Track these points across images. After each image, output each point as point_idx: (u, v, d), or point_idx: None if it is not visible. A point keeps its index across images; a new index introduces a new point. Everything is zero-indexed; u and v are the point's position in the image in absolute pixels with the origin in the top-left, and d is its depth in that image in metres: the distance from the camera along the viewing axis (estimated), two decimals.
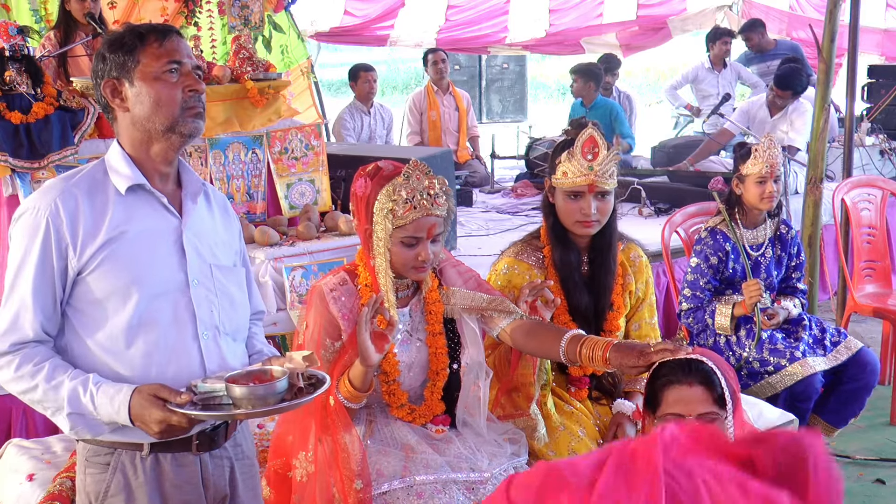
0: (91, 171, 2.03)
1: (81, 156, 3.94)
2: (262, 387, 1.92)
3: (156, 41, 1.99)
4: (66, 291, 1.96)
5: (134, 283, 1.96)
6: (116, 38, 2.02)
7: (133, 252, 1.97)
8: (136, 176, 2.01)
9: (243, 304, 2.20)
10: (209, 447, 2.07)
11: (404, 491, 2.39)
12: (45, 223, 1.93)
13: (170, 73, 1.99)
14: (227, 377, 1.95)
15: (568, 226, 2.87)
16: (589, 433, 2.81)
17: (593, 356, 2.35)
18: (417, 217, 2.43)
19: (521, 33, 10.27)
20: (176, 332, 2.00)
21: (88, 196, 1.98)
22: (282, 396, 1.94)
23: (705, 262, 3.84)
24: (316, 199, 4.70)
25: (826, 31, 4.71)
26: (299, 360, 2.00)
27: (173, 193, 2.08)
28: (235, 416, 1.93)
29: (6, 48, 3.91)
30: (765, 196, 3.79)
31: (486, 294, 2.62)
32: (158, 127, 2.00)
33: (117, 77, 2.00)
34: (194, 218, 2.08)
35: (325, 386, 2.00)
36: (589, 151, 2.77)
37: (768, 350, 3.75)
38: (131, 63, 1.99)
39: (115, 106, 2.02)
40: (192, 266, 2.04)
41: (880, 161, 6.67)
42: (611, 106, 7.62)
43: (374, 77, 7.73)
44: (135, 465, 2.00)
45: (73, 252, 1.94)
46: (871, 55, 9.58)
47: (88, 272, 1.95)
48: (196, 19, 5.77)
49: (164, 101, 1.99)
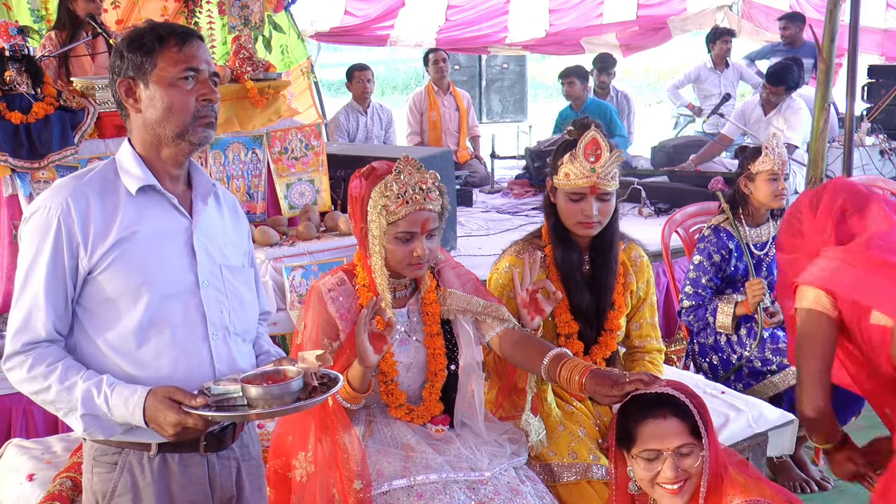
0: (102, 171, 2.02)
1: (81, 156, 3.94)
2: (278, 386, 1.92)
3: (175, 45, 1.98)
4: (77, 290, 1.96)
5: (144, 284, 1.95)
6: (136, 37, 2.00)
7: (144, 253, 1.97)
8: (146, 177, 2.00)
9: (252, 304, 2.20)
10: (217, 448, 2.07)
11: (405, 491, 2.39)
12: (57, 222, 1.92)
13: (185, 79, 1.97)
14: (241, 378, 1.95)
15: (569, 226, 2.87)
16: (589, 433, 2.81)
17: (570, 379, 2.35)
18: (410, 211, 2.43)
19: (521, 33, 10.27)
20: (186, 332, 2.00)
21: (100, 196, 1.97)
22: (297, 396, 1.95)
23: (708, 260, 3.84)
24: (316, 199, 4.70)
25: (826, 31, 4.71)
26: (312, 360, 2.01)
27: (184, 194, 2.08)
28: (252, 416, 1.93)
29: (6, 48, 3.91)
30: (777, 193, 3.79)
31: (482, 299, 2.63)
32: (168, 133, 1.99)
33: (133, 77, 1.99)
34: (204, 219, 2.07)
35: (338, 385, 2.01)
36: (592, 153, 2.77)
37: (770, 349, 3.75)
38: (148, 65, 1.97)
39: (128, 106, 2.01)
40: (203, 267, 2.03)
41: (880, 161, 6.67)
42: (603, 107, 7.60)
43: (369, 76, 7.69)
44: (142, 465, 2.00)
45: (84, 251, 1.93)
46: (871, 55, 9.58)
47: (99, 272, 1.94)
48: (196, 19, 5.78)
49: (176, 109, 1.97)
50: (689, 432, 2.16)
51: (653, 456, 2.17)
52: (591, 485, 2.65)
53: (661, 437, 2.16)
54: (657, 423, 2.16)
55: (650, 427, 2.17)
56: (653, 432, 2.17)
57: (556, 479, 2.65)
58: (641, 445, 2.18)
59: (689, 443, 2.16)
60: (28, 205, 3.80)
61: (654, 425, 2.17)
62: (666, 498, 2.19)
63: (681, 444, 2.15)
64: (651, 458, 2.18)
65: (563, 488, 2.64)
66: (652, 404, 2.18)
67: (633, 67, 18.90)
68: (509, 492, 2.42)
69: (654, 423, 2.17)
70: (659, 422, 2.16)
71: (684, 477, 2.16)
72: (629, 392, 2.21)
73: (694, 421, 2.16)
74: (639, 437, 2.19)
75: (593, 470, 2.66)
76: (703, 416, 2.18)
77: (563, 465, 2.67)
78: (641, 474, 2.20)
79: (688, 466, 2.16)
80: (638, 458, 2.20)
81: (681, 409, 2.17)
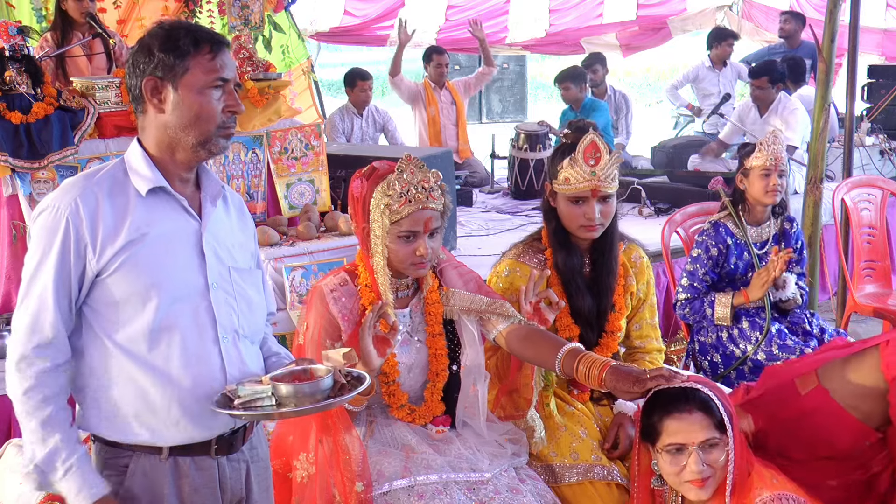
0: (112, 171, 2.00)
1: (81, 156, 3.94)
2: (309, 384, 1.94)
3: (209, 52, 1.95)
4: (84, 292, 1.94)
5: (154, 287, 1.94)
6: (171, 36, 1.95)
7: (153, 255, 1.95)
8: (157, 178, 1.98)
9: (260, 306, 2.19)
10: (228, 451, 2.07)
11: (405, 491, 2.39)
12: (65, 222, 1.91)
13: (215, 89, 1.96)
14: (271, 377, 1.97)
15: (572, 230, 2.86)
16: (590, 434, 2.81)
17: (589, 375, 2.34)
18: (413, 210, 2.43)
19: (521, 33, 10.28)
20: (197, 336, 1.99)
21: (109, 196, 1.95)
22: (328, 393, 1.97)
23: (706, 253, 3.83)
24: (316, 199, 4.70)
25: (826, 31, 4.71)
26: (339, 358, 2.03)
27: (193, 195, 2.06)
28: (288, 414, 1.95)
29: (6, 48, 3.91)
30: (769, 189, 3.78)
31: (486, 297, 2.62)
32: (191, 140, 1.97)
33: (161, 77, 1.95)
34: (213, 221, 2.06)
35: (366, 383, 2.03)
36: (591, 157, 2.76)
37: (777, 345, 3.73)
38: (180, 68, 1.94)
39: (150, 104, 1.97)
40: (212, 269, 2.02)
41: (880, 161, 6.67)
42: (599, 107, 7.56)
43: (371, 86, 7.63)
44: (153, 468, 1.99)
45: (93, 252, 1.91)
46: (871, 55, 9.59)
47: (108, 274, 1.93)
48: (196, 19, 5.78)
49: (203, 117, 1.95)
50: (714, 426, 2.19)
51: (678, 450, 2.20)
52: (593, 485, 2.65)
53: (687, 431, 2.19)
54: (682, 417, 2.19)
55: (675, 421, 2.20)
56: (678, 427, 2.20)
57: (558, 479, 2.66)
58: (667, 440, 2.21)
59: (715, 436, 2.19)
60: (28, 205, 3.81)
61: (678, 420, 2.19)
62: (692, 492, 2.22)
63: (706, 438, 2.19)
64: (677, 453, 2.21)
65: (566, 489, 2.64)
66: (676, 399, 2.21)
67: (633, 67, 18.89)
68: (509, 491, 2.43)
69: (678, 418, 2.19)
70: (684, 416, 2.19)
71: (710, 472, 2.20)
72: (650, 388, 2.23)
73: (719, 414, 2.19)
74: (664, 431, 2.22)
75: (595, 470, 2.66)
76: (728, 409, 2.21)
77: (564, 465, 2.67)
78: (667, 469, 2.24)
79: (713, 460, 2.20)
80: (663, 453, 2.23)
81: (705, 403, 2.20)
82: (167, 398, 1.96)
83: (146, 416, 1.97)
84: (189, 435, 2.00)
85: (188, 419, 1.98)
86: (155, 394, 1.96)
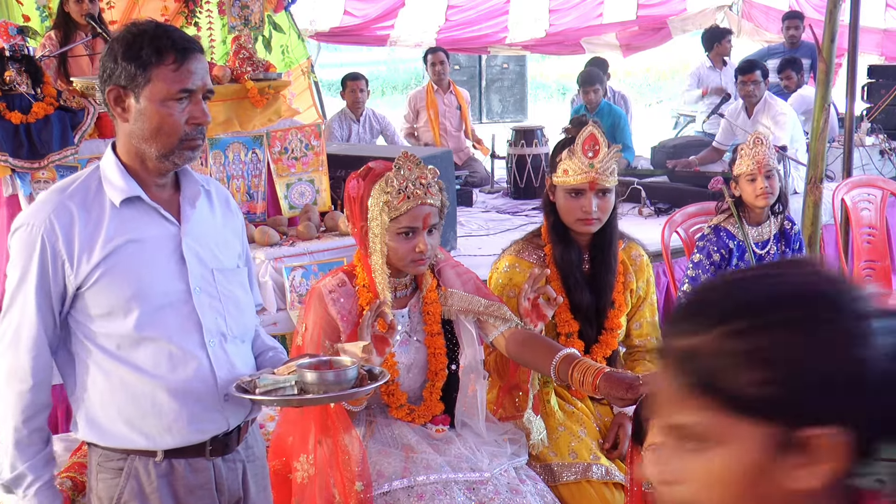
0: (86, 182, 1.98)
1: (81, 156, 3.94)
2: (335, 373, 2.01)
3: (174, 63, 1.89)
4: (66, 305, 1.95)
5: (134, 298, 1.93)
6: (133, 45, 1.90)
7: (131, 266, 1.94)
8: (130, 188, 1.96)
9: (248, 304, 2.18)
10: (223, 452, 2.07)
11: (405, 491, 2.39)
12: (41, 241, 1.90)
13: (178, 101, 1.91)
14: (298, 366, 2.01)
15: (569, 224, 2.87)
16: (590, 433, 2.81)
17: (584, 381, 2.34)
18: (412, 206, 2.43)
19: (521, 33, 10.27)
20: (182, 341, 1.98)
21: (83, 209, 1.93)
22: (353, 383, 2.01)
23: (707, 259, 3.83)
24: (316, 199, 4.70)
25: (826, 31, 4.71)
26: (356, 351, 2.07)
27: (171, 199, 2.04)
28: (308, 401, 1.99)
29: (6, 48, 3.91)
30: (758, 193, 3.78)
31: (484, 298, 2.62)
32: (153, 152, 1.94)
33: (124, 87, 1.91)
34: (193, 223, 2.03)
35: (386, 377, 2.10)
36: (590, 149, 2.77)
37: None
38: (142, 79, 1.89)
39: (115, 112, 1.96)
40: (194, 273, 2.00)
41: (880, 161, 6.66)
42: (615, 113, 7.52)
43: (362, 86, 7.58)
44: (148, 471, 1.99)
45: (71, 268, 1.91)
46: (871, 55, 9.58)
47: (87, 287, 1.92)
48: (196, 19, 5.78)
49: (164, 130, 1.91)
50: None
51: None
52: (591, 484, 2.65)
53: None
54: None
55: None
56: None
57: (557, 478, 2.66)
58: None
59: None
60: (28, 205, 3.81)
61: None
62: None
63: None
64: None
65: (564, 488, 2.64)
66: None
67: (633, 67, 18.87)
68: (509, 492, 2.43)
69: None
70: None
71: None
72: (643, 394, 2.22)
73: None
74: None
75: (593, 470, 2.66)
76: None
77: (563, 465, 2.68)
78: None
79: None
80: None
81: None
82: (158, 404, 1.96)
83: (139, 422, 1.97)
84: (183, 438, 2.00)
85: (181, 423, 1.98)
86: (145, 400, 1.96)
